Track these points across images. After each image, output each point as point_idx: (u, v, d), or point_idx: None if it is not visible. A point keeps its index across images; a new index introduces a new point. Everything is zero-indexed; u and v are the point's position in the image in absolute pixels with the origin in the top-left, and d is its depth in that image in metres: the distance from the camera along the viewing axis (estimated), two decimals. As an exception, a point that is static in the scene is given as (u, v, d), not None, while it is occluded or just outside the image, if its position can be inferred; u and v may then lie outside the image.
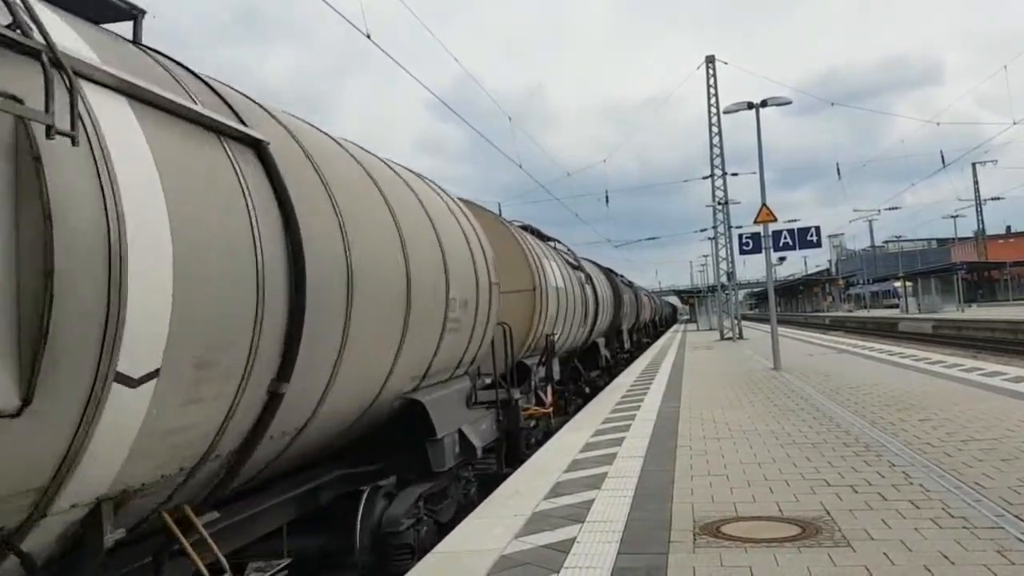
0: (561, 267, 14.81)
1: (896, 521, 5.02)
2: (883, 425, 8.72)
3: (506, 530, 5.38)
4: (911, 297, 60.20)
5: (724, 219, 35.79)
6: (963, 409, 9.52)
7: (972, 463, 6.54)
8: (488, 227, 10.38)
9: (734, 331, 34.89)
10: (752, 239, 18.62)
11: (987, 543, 4.47)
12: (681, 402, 12.10)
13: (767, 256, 18.57)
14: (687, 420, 10.09)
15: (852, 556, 4.40)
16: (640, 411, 11.38)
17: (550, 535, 5.19)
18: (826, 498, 5.71)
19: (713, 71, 34.80)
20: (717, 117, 34.77)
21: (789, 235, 18.32)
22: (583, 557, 4.67)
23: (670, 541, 4.87)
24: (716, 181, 35.23)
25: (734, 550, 4.64)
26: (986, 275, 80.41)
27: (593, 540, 5.00)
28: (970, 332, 33.15)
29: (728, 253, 36.33)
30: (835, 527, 4.97)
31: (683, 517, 5.41)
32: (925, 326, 39.35)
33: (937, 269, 66.13)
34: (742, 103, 20.68)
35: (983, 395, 10.73)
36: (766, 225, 18.02)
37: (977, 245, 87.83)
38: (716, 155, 35.17)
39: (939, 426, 8.42)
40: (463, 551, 5.03)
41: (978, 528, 4.77)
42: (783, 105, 20.42)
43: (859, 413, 9.75)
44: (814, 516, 5.26)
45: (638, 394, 13.91)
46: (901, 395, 11.27)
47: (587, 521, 5.47)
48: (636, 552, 4.70)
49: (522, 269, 11.74)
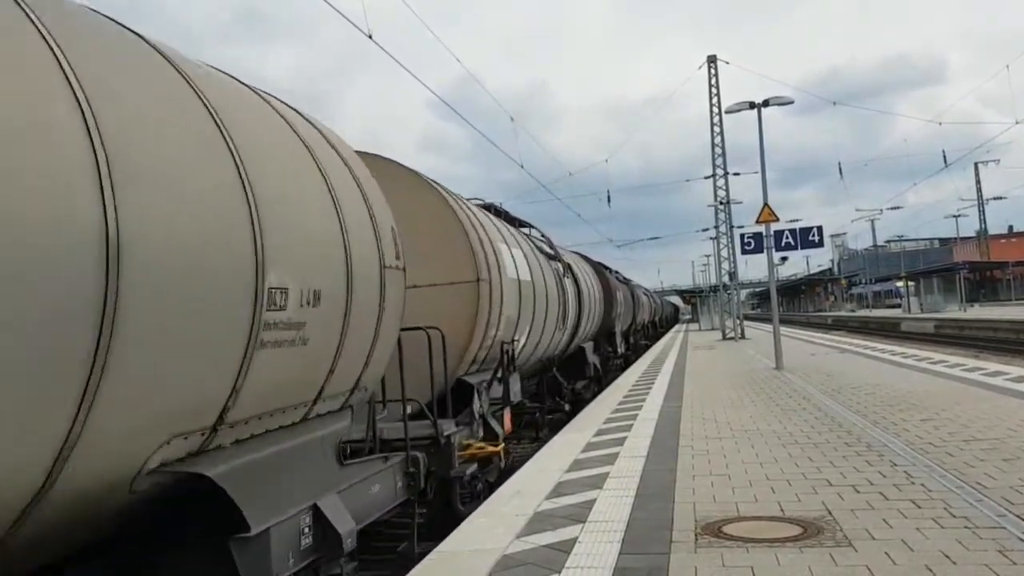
0: (530, 255, 11.60)
1: (898, 521, 5.02)
2: (885, 425, 8.72)
3: (507, 530, 5.39)
4: (913, 297, 60.16)
5: (726, 219, 35.82)
6: (965, 409, 9.51)
7: (974, 463, 6.53)
8: (401, 189, 7.84)
9: (736, 331, 34.87)
10: (754, 239, 18.62)
11: (988, 543, 4.47)
12: (683, 402, 12.10)
13: (769, 256, 18.56)
14: (689, 420, 10.09)
15: (854, 556, 4.40)
16: (642, 411, 11.38)
17: (552, 535, 5.20)
18: (828, 498, 5.71)
19: (715, 71, 34.82)
20: (719, 117, 34.79)
21: (791, 235, 18.31)
22: (585, 557, 4.67)
23: (672, 541, 4.88)
24: (718, 181, 35.26)
25: (736, 550, 4.64)
26: (988, 275, 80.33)
27: (595, 540, 5.00)
28: (972, 332, 33.11)
29: (730, 253, 36.38)
30: (837, 527, 4.97)
31: (685, 517, 5.42)
32: (927, 326, 39.31)
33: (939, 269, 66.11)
34: (744, 103, 20.65)
35: (985, 395, 10.72)
36: (768, 225, 18.01)
37: (979, 245, 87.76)
38: (718, 155, 35.20)
39: (941, 426, 8.42)
40: (464, 551, 5.03)
41: (980, 528, 4.77)
42: (785, 105, 20.40)
43: (861, 413, 9.75)
44: (816, 516, 5.27)
45: (640, 394, 13.91)
46: (903, 395, 11.26)
47: (589, 521, 5.48)
48: (638, 552, 4.70)
49: (461, 253, 8.46)
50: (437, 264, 8.23)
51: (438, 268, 8.24)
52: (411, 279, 6.25)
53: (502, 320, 9.12)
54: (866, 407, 10.23)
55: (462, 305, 8.36)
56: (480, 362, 8.95)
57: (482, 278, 8.44)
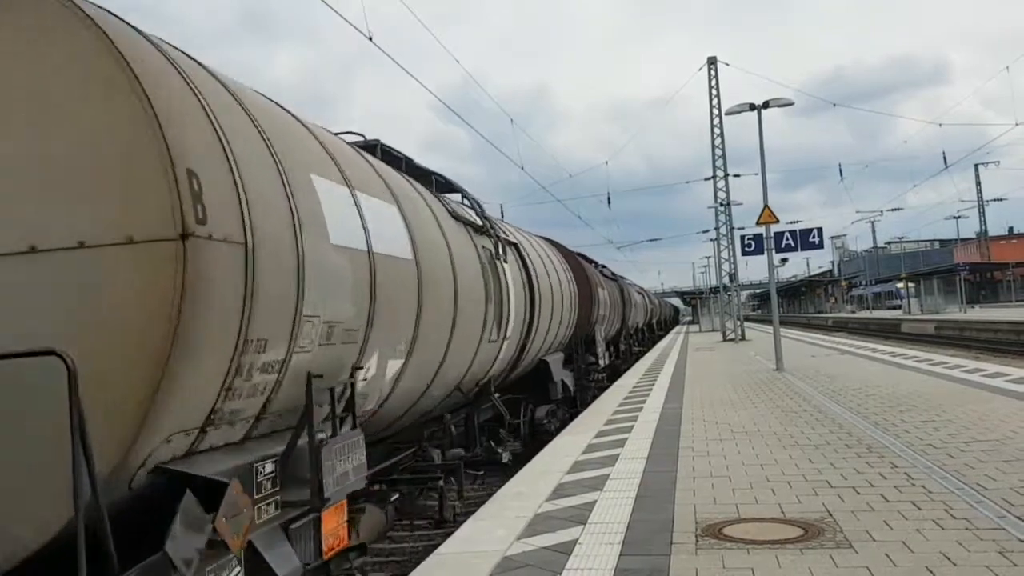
0: (421, 218, 6.60)
1: (898, 522, 5.02)
2: (885, 426, 8.72)
3: (508, 531, 5.39)
4: (914, 298, 60.14)
5: (726, 220, 35.82)
6: (965, 410, 9.51)
7: (974, 464, 6.54)
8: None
9: (736, 332, 34.87)
10: (754, 240, 18.64)
11: (989, 544, 4.47)
12: (683, 403, 12.10)
13: (769, 257, 18.57)
14: (689, 421, 10.09)
15: (854, 557, 4.40)
16: (643, 412, 11.39)
17: (552, 537, 5.20)
18: (828, 499, 5.71)
19: (715, 72, 34.81)
20: (719, 119, 34.79)
21: (791, 236, 18.33)
22: (585, 559, 4.68)
23: (672, 543, 4.88)
24: (718, 182, 35.25)
25: (736, 552, 4.64)
26: (989, 276, 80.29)
27: (595, 542, 5.01)
28: (972, 333, 33.09)
29: (730, 254, 36.38)
30: (837, 528, 4.97)
31: (685, 519, 5.42)
32: (927, 327, 39.29)
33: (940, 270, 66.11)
34: (744, 105, 20.66)
35: (986, 396, 10.72)
36: (768, 226, 18.03)
37: (980, 246, 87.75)
38: (718, 156, 35.19)
39: (941, 427, 8.42)
40: (465, 552, 5.04)
41: (980, 529, 4.77)
42: (785, 106, 20.41)
43: (861, 414, 9.75)
44: (816, 517, 5.27)
45: (641, 395, 13.92)
46: (903, 396, 11.26)
47: (589, 523, 5.48)
48: (638, 554, 4.70)
49: (139, 170, 3.04)
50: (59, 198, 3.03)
51: (60, 211, 3.03)
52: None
53: (303, 327, 4.03)
54: (866, 408, 10.23)
55: (138, 295, 3.04)
56: (220, 422, 3.55)
57: (195, 232, 3.05)
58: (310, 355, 4.10)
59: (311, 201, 4.26)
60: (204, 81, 3.75)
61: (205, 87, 3.68)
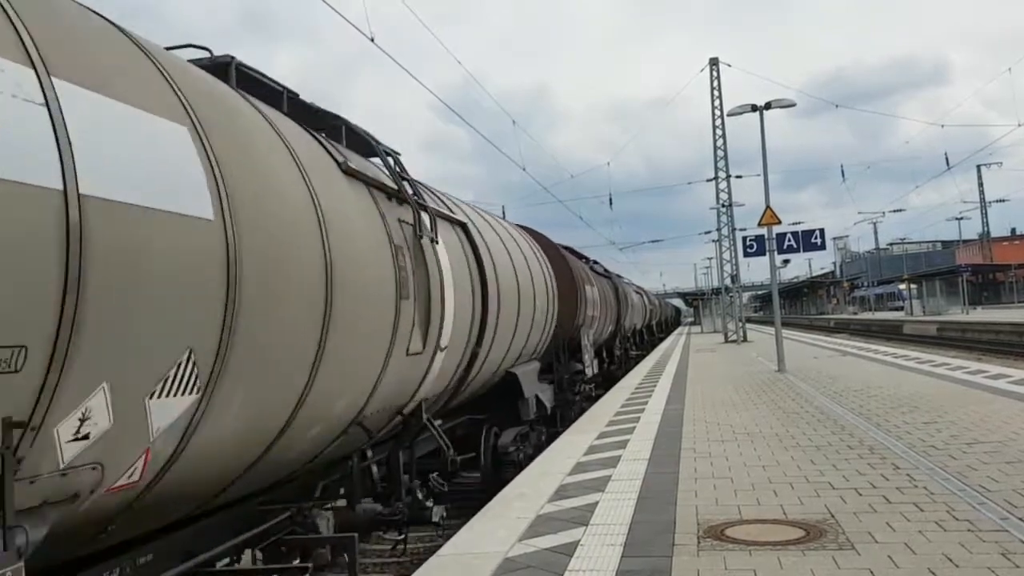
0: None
1: (900, 524, 5.02)
2: (888, 428, 8.71)
3: (510, 533, 5.39)
4: (916, 299, 60.08)
5: (728, 221, 35.81)
6: (968, 412, 9.50)
7: (977, 466, 6.52)
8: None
9: (738, 334, 34.85)
10: (756, 241, 18.63)
11: (991, 546, 4.47)
12: (685, 404, 12.09)
13: (771, 259, 18.55)
14: (691, 422, 10.08)
15: (856, 559, 4.40)
16: (644, 413, 11.38)
17: (554, 538, 5.20)
18: (830, 501, 5.70)
19: (717, 74, 34.82)
20: (721, 120, 34.79)
21: (793, 237, 18.32)
22: (587, 560, 4.67)
23: (674, 544, 4.87)
24: (720, 183, 35.25)
25: (738, 553, 4.64)
26: (991, 277, 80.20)
27: (597, 543, 5.00)
28: (975, 335, 33.05)
29: (732, 255, 36.36)
30: (839, 530, 4.97)
31: (687, 520, 5.41)
32: (930, 328, 39.25)
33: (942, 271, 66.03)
34: (746, 106, 20.65)
35: (988, 398, 10.70)
36: (770, 227, 18.02)
37: (982, 247, 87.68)
38: (720, 158, 35.19)
39: (943, 429, 8.40)
40: (467, 553, 5.03)
41: (982, 531, 4.76)
42: (787, 107, 20.40)
43: (863, 415, 9.74)
44: (818, 519, 5.26)
45: (643, 396, 13.91)
46: (906, 397, 11.24)
47: (591, 524, 5.48)
48: (640, 555, 4.70)
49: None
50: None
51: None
52: None
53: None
54: (868, 410, 10.22)
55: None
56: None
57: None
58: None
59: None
60: None
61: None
